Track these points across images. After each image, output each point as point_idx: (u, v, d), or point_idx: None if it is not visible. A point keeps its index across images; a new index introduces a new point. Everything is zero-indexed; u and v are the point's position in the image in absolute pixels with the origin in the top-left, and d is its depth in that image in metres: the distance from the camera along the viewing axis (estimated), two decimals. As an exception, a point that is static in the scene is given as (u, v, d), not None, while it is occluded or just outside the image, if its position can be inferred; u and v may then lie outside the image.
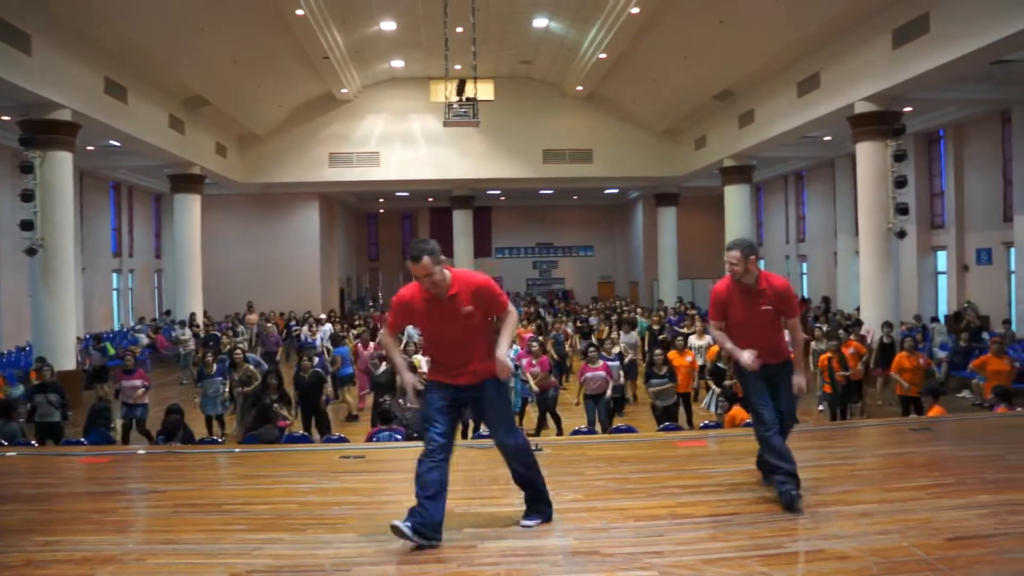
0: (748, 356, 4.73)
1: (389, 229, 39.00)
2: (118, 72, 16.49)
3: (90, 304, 23.00)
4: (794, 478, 4.60)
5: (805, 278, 28.49)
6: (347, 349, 14.50)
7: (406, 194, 32.23)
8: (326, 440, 8.93)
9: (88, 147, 19.41)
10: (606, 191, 33.09)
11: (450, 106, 17.60)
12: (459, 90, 17.88)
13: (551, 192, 32.94)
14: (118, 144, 19.35)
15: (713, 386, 11.05)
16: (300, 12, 17.06)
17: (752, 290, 4.87)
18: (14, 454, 6.83)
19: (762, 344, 4.81)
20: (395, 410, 8.49)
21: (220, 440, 9.54)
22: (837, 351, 11.62)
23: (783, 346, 5.01)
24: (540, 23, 20.69)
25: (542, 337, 13.90)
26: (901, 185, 15.05)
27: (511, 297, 32.36)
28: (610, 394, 10.84)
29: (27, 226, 14.22)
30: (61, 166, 14.63)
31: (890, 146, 15.03)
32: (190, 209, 22.10)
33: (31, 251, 14.30)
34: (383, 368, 11.72)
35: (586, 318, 22.41)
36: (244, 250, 29.16)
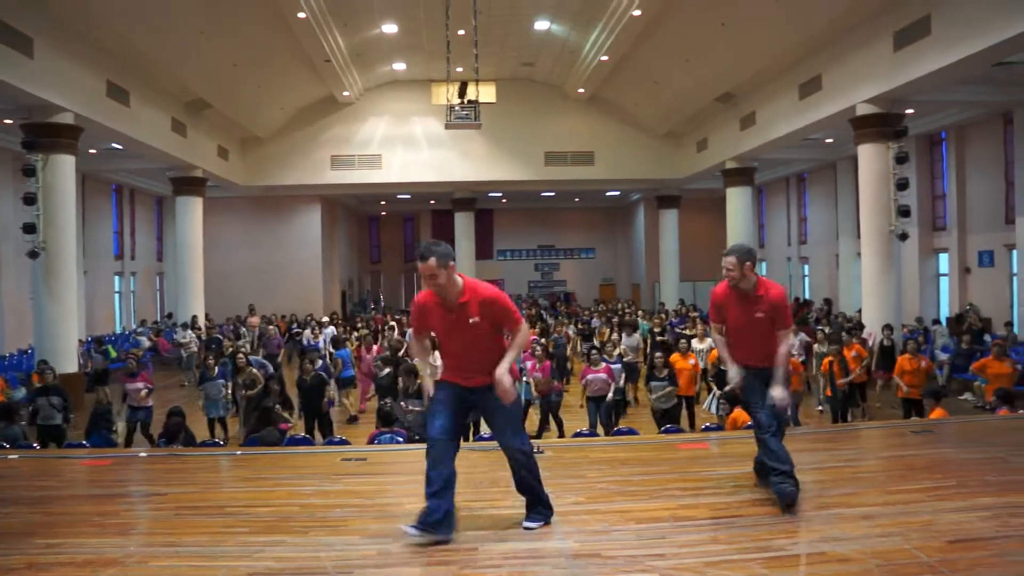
0: (733, 373, 4.92)
1: (391, 232, 39.04)
2: (120, 75, 16.52)
3: (92, 307, 23.02)
4: (791, 478, 4.60)
5: (807, 280, 28.48)
6: (348, 352, 14.52)
7: (408, 197, 32.27)
8: (328, 443, 8.93)
9: (90, 150, 19.46)
10: (608, 193, 33.08)
11: (452, 108, 17.60)
12: (461, 92, 17.89)
13: (553, 194, 32.92)
14: (120, 147, 19.39)
15: (715, 388, 11.04)
16: (302, 15, 17.09)
17: (749, 296, 4.89)
18: (16, 457, 6.83)
19: (757, 349, 4.85)
20: (397, 412, 8.49)
21: (222, 443, 9.55)
22: (839, 354, 11.61)
23: (776, 351, 4.99)
24: (542, 25, 20.71)
25: (544, 340, 13.89)
26: (903, 187, 15.05)
27: (512, 299, 32.51)
28: (611, 396, 10.84)
29: (29, 229, 14.25)
30: (63, 169, 14.66)
31: (892, 148, 15.04)
32: (192, 212, 22.14)
33: (33, 254, 14.33)
34: (385, 371, 11.73)
35: (588, 320, 22.40)
36: (246, 253, 29.18)
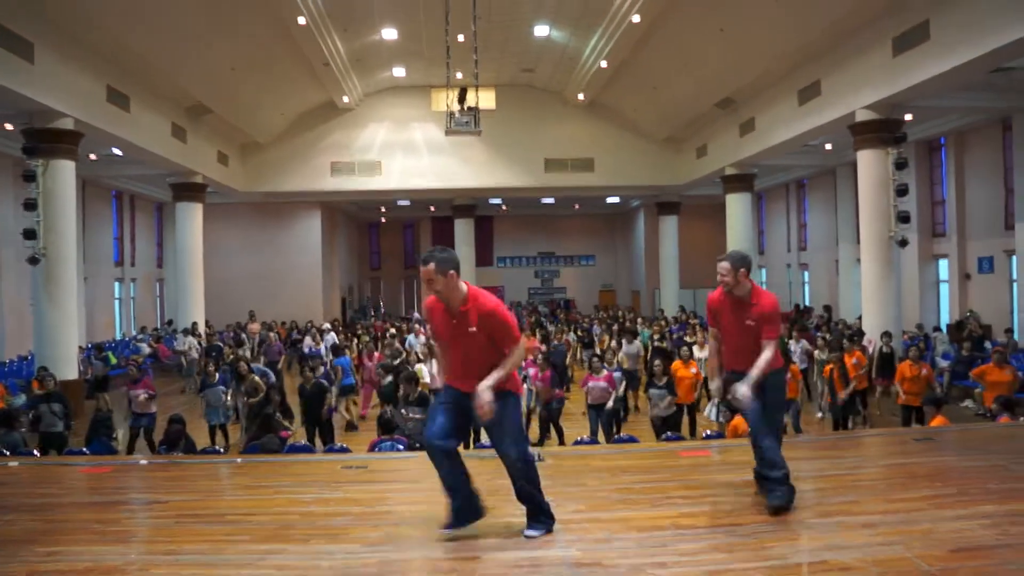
0: (714, 388, 5.29)
1: (391, 238, 39.07)
2: (120, 80, 16.55)
3: (92, 313, 23.02)
4: (782, 487, 4.63)
5: (807, 287, 28.48)
6: (348, 359, 14.53)
7: (408, 203, 32.30)
8: (328, 450, 8.92)
9: (90, 156, 19.48)
10: (607, 200, 33.11)
11: (451, 115, 17.61)
12: (460, 99, 17.91)
13: (552, 201, 32.98)
14: (120, 153, 19.42)
15: (717, 397, 11.01)
16: (302, 20, 17.14)
17: (742, 303, 4.94)
18: (16, 464, 6.83)
19: (749, 355, 4.86)
20: (397, 420, 8.48)
21: (222, 450, 9.55)
22: (840, 362, 11.62)
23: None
24: (541, 31, 20.75)
25: (544, 347, 13.91)
26: (902, 193, 15.08)
27: (513, 306, 32.52)
28: (611, 404, 10.83)
29: (29, 235, 14.25)
30: (63, 175, 14.68)
31: (891, 154, 15.06)
32: (192, 218, 22.16)
33: (33, 260, 14.33)
34: (387, 379, 11.74)
35: (588, 328, 22.39)
36: (246, 259, 29.18)
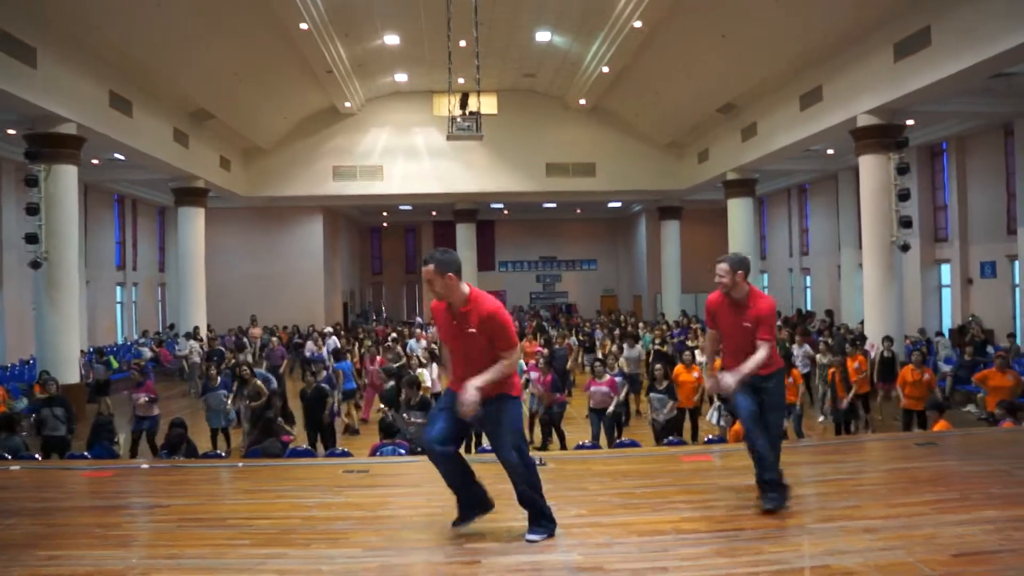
0: (710, 385, 5.31)
1: (392, 243, 39.08)
2: (123, 86, 16.59)
3: (94, 317, 23.04)
4: (774, 488, 4.74)
5: (808, 291, 28.47)
6: (349, 364, 14.54)
7: (409, 208, 32.32)
8: (329, 454, 8.91)
9: (93, 160, 19.51)
10: (609, 204, 33.15)
11: (453, 119, 17.63)
12: (462, 103, 17.93)
13: (554, 205, 33.01)
14: (122, 157, 19.45)
15: (716, 400, 11.02)
16: (304, 26, 17.19)
17: (739, 305, 4.99)
18: (17, 468, 6.83)
19: (746, 357, 4.89)
20: (399, 424, 8.48)
21: (223, 454, 9.55)
22: (842, 366, 11.62)
23: (769, 360, 4.97)
24: (543, 37, 20.79)
25: (547, 351, 13.92)
26: (904, 198, 15.08)
27: (514, 311, 32.50)
28: (612, 409, 10.83)
29: (32, 239, 14.28)
30: (66, 179, 14.70)
31: (893, 159, 15.07)
32: (194, 222, 22.20)
33: (35, 264, 14.35)
34: (390, 384, 11.75)
35: (589, 332, 22.38)
36: (248, 263, 29.22)
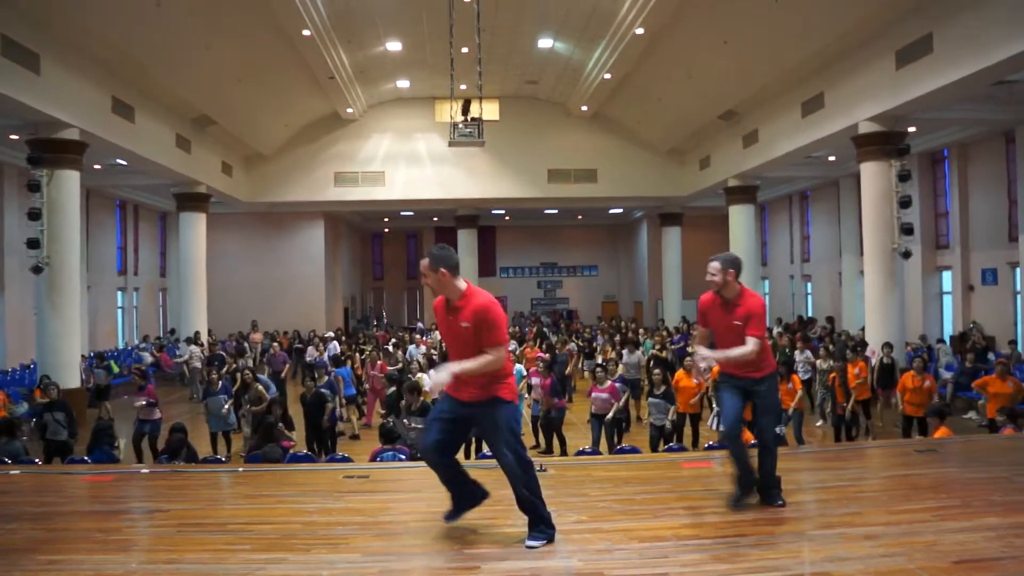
0: (701, 354, 5.10)
1: (394, 248, 39.12)
2: (125, 91, 16.63)
3: (95, 322, 23.05)
4: (737, 482, 4.89)
5: (809, 298, 28.44)
6: (348, 370, 14.57)
7: (411, 213, 32.37)
8: (330, 460, 8.91)
9: (95, 166, 19.53)
10: (611, 211, 33.15)
11: (455, 126, 17.67)
12: (464, 110, 17.99)
13: (556, 212, 33.03)
14: (124, 163, 19.49)
15: (718, 406, 11.02)
16: (306, 32, 17.23)
17: (730, 304, 5.03)
18: (18, 472, 6.82)
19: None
20: (399, 430, 8.48)
21: (224, 459, 9.55)
22: (842, 371, 11.63)
23: (762, 361, 5.01)
24: (545, 43, 20.83)
25: (549, 356, 13.95)
26: (906, 205, 15.07)
27: (515, 317, 32.48)
28: (611, 415, 10.83)
29: (33, 244, 14.31)
30: (68, 185, 14.73)
31: (894, 166, 15.06)
32: (195, 228, 22.22)
33: (37, 269, 14.37)
34: (391, 389, 11.77)
35: (589, 339, 22.39)
36: (249, 269, 29.23)
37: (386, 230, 38.54)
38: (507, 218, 34.77)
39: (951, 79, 12.40)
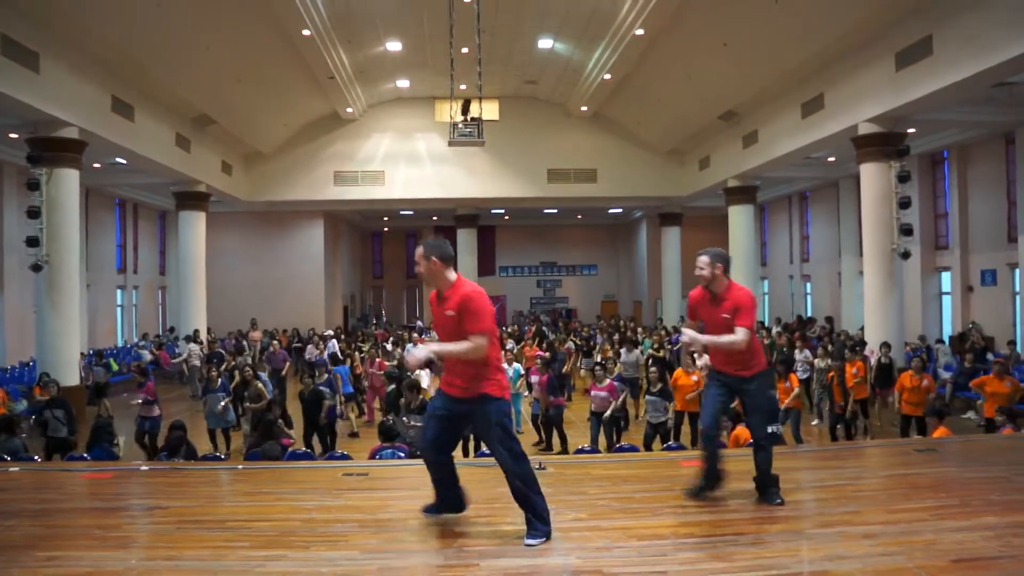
0: (690, 335, 5.12)
1: (393, 247, 39.13)
2: (125, 90, 16.63)
3: (94, 320, 23.05)
4: (703, 475, 5.04)
5: (809, 298, 28.45)
6: (346, 369, 14.58)
7: (410, 213, 32.38)
8: (329, 457, 8.92)
9: (94, 164, 19.54)
10: (610, 210, 33.18)
11: (455, 125, 17.66)
12: (464, 110, 17.98)
13: (555, 211, 33.04)
14: (124, 161, 19.48)
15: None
16: (307, 32, 17.23)
17: (718, 298, 5.07)
18: (17, 469, 6.82)
19: (728, 354, 4.99)
20: (399, 427, 8.48)
21: (223, 456, 9.55)
22: (840, 371, 11.65)
23: (751, 359, 5.02)
24: (545, 44, 20.84)
25: (548, 354, 13.97)
26: (905, 206, 15.08)
27: (514, 316, 32.48)
28: (608, 414, 10.84)
29: (33, 242, 14.30)
30: (67, 183, 14.73)
31: (894, 167, 15.08)
32: (195, 226, 22.22)
33: (36, 267, 14.37)
34: (391, 387, 11.79)
35: (587, 337, 22.40)
36: (248, 267, 29.25)
37: (386, 229, 38.55)
38: (507, 217, 34.79)
39: (951, 81, 12.41)
